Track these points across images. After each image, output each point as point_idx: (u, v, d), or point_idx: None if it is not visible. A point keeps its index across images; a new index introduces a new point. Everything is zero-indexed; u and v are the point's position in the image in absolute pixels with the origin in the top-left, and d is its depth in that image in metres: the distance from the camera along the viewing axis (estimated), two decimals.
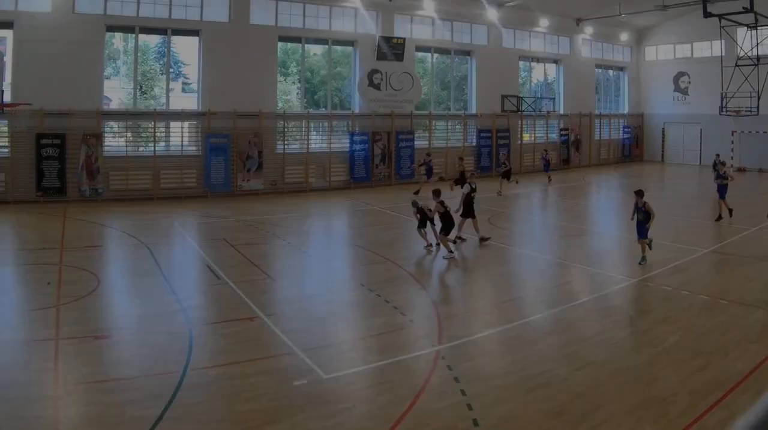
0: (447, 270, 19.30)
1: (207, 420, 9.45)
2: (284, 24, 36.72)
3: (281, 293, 16.72)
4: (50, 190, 30.03)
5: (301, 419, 9.45)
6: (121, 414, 9.43)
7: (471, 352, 12.26)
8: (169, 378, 10.63)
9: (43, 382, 10.54)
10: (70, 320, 13.51)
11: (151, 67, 37.46)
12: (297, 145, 37.71)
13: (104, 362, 11.56)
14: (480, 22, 44.30)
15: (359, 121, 39.27)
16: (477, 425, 9.28)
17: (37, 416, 9.39)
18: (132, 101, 34.06)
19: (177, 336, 12.87)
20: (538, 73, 50.69)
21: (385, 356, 11.93)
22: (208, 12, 34.31)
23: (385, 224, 27.09)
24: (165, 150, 33.61)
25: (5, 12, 28.47)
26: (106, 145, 31.78)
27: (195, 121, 34.20)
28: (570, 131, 49.98)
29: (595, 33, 51.62)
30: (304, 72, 39.72)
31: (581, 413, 9.65)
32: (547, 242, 23.90)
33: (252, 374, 10.96)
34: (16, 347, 12.09)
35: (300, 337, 12.74)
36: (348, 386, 10.80)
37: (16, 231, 25.02)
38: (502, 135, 45.21)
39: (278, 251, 21.83)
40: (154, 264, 18.84)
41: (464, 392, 10.25)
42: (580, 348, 12.35)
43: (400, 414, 9.55)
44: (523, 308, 15.46)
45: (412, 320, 14.17)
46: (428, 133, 42.41)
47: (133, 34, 33.51)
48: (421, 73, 43.54)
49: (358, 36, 39.32)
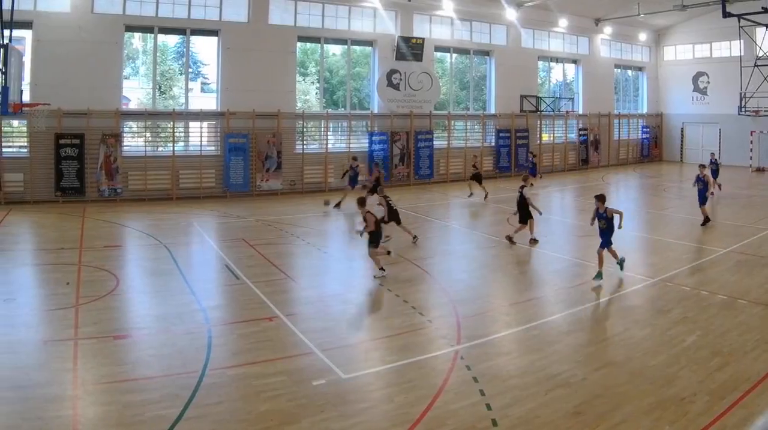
0: (466, 271, 18.90)
1: (226, 420, 9.37)
2: (303, 24, 36.17)
3: (300, 292, 16.41)
4: (69, 191, 29.55)
5: (320, 419, 9.38)
6: (140, 414, 9.36)
7: (490, 352, 12.13)
8: (188, 378, 10.58)
9: (62, 382, 10.43)
10: (89, 320, 13.39)
11: (170, 67, 37.00)
12: (316, 145, 37.16)
13: (123, 362, 11.42)
14: (499, 22, 43.58)
15: (378, 121, 38.66)
16: (496, 425, 9.22)
17: (57, 415, 9.31)
18: (151, 101, 33.54)
19: (196, 336, 12.74)
20: (557, 73, 49.87)
21: (403, 356, 11.83)
22: (227, 12, 33.80)
23: (404, 223, 26.12)
24: (184, 150, 33.18)
25: (24, 12, 27.70)
26: (125, 146, 31.32)
27: (214, 121, 33.67)
28: (589, 131, 49.10)
29: (614, 33, 50.77)
30: (323, 72, 39.09)
31: (600, 413, 9.61)
32: (566, 241, 23.44)
33: (271, 374, 10.87)
34: (35, 347, 11.97)
35: (319, 337, 12.64)
36: (367, 385, 10.72)
37: (35, 231, 24.64)
38: (521, 135, 44.44)
39: (297, 250, 21.33)
40: (173, 264, 18.57)
41: (483, 392, 10.20)
42: (598, 348, 12.34)
43: (418, 414, 9.51)
44: (542, 308, 15.28)
45: (431, 320, 13.94)
46: (447, 133, 41.64)
47: (152, 34, 33.00)
48: (440, 73, 42.84)
49: (377, 36, 38.69)
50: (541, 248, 21.46)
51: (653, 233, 24.49)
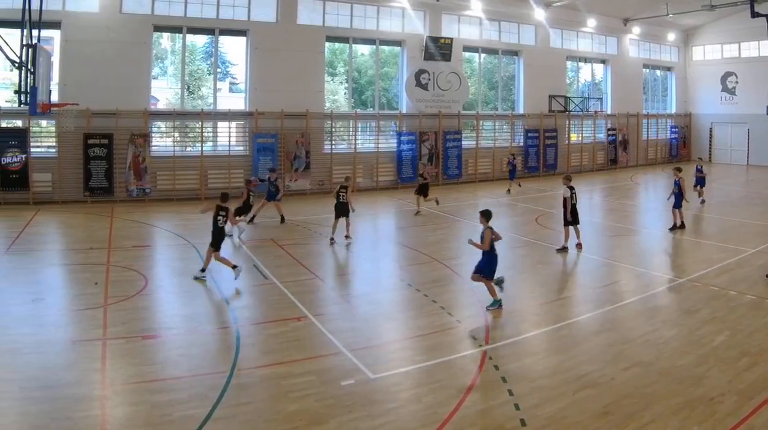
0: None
1: (254, 420, 9.23)
2: (332, 24, 35.37)
3: (329, 292, 16.26)
4: (97, 190, 29.00)
5: (348, 419, 9.24)
6: (168, 414, 9.26)
7: (518, 352, 11.95)
8: (217, 378, 10.47)
9: (91, 382, 10.32)
10: (118, 320, 13.25)
11: (198, 67, 36.36)
12: (344, 145, 36.37)
13: (152, 362, 11.28)
14: (528, 22, 42.46)
15: (406, 121, 37.68)
16: (524, 425, 9.07)
17: (85, 415, 9.18)
18: (179, 101, 32.97)
19: (224, 336, 12.72)
20: (585, 73, 48.51)
21: (432, 355, 11.65)
22: (256, 12, 33.07)
23: (432, 224, 25.76)
24: (212, 150, 32.54)
25: (53, 12, 27.00)
26: (153, 146, 30.77)
27: (242, 121, 33.00)
28: (617, 131, 47.87)
29: (642, 33, 49.42)
30: (352, 72, 38.25)
31: (628, 413, 9.43)
32: (595, 241, 22.50)
33: (299, 374, 10.72)
34: (63, 347, 11.80)
35: (347, 337, 12.49)
36: (395, 385, 10.50)
37: (63, 231, 24.20)
38: (549, 135, 43.31)
39: (325, 250, 20.76)
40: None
41: (511, 392, 10.04)
42: (627, 348, 12.03)
43: (447, 414, 9.35)
44: (571, 308, 15.04)
45: (460, 320, 13.70)
46: (475, 133, 40.58)
47: (180, 34, 32.40)
48: (469, 73, 41.76)
49: (405, 36, 37.74)
50: (570, 248, 20.63)
51: (681, 232, 23.72)
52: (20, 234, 22.05)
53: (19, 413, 9.29)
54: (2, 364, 10.92)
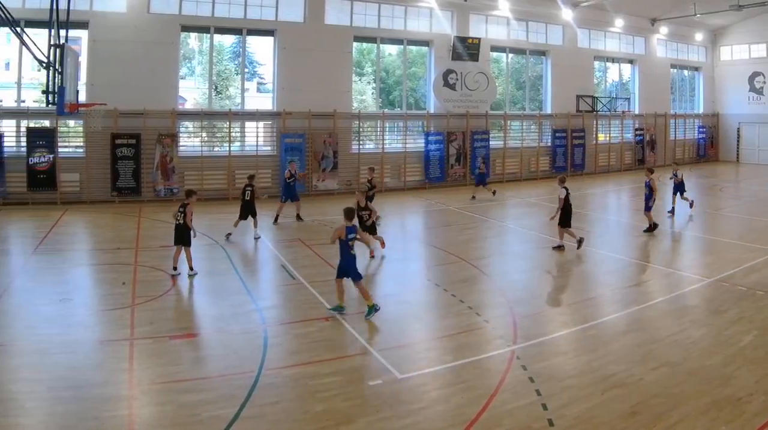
0: (522, 271, 18.11)
1: (282, 420, 9.05)
2: (359, 24, 34.43)
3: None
4: (125, 190, 28.31)
5: (375, 419, 9.08)
6: (196, 414, 9.11)
7: (546, 352, 11.68)
8: (244, 378, 10.30)
9: (118, 382, 10.15)
10: (145, 320, 13.05)
11: (226, 67, 35.57)
12: (372, 145, 35.31)
13: (179, 362, 11.09)
14: (555, 22, 41.14)
15: (434, 121, 36.57)
16: (552, 425, 8.87)
17: (113, 415, 9.04)
18: (207, 101, 32.30)
19: (252, 336, 12.37)
20: (613, 73, 47.03)
21: (459, 356, 11.40)
22: (284, 12, 32.21)
23: (460, 224, 25.08)
24: (240, 150, 31.74)
25: (80, 12, 26.42)
26: (181, 146, 30.09)
27: (270, 121, 32.15)
28: (645, 131, 46.47)
29: (670, 33, 47.83)
30: (379, 72, 37.27)
31: (656, 413, 9.21)
32: (622, 241, 22.32)
33: (327, 374, 10.53)
34: (91, 347, 11.60)
35: (375, 337, 12.40)
36: (423, 386, 10.27)
37: (91, 231, 23.71)
38: (576, 135, 41.93)
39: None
40: (229, 264, 17.92)
41: (539, 392, 9.84)
42: (655, 348, 11.74)
43: (475, 414, 9.17)
44: (598, 308, 14.64)
45: (488, 320, 13.38)
46: (503, 133, 39.39)
47: (208, 34, 31.65)
48: (496, 73, 40.58)
49: (433, 36, 36.63)
50: (597, 247, 20.45)
51: (709, 233, 23.67)
52: (48, 234, 21.65)
53: (47, 413, 9.09)
54: (30, 364, 10.76)
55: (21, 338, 11.99)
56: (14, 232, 22.91)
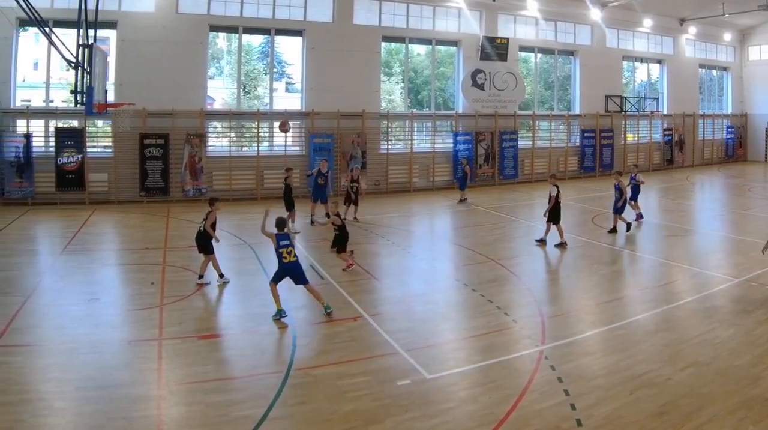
0: (551, 271, 17.92)
1: (310, 420, 8.89)
2: (388, 24, 33.32)
3: (385, 293, 15.32)
4: (153, 190, 27.55)
5: (404, 419, 8.88)
6: (224, 414, 8.93)
7: (574, 352, 11.37)
8: (273, 378, 10.11)
9: (147, 382, 9.93)
10: (174, 320, 12.80)
11: (254, 67, 34.52)
12: (400, 145, 34.12)
13: (207, 362, 10.83)
14: (584, 22, 39.66)
15: (463, 121, 35.34)
16: (580, 425, 8.67)
17: (141, 415, 8.86)
18: (235, 101, 31.36)
19: (280, 336, 12.20)
20: (641, 73, 45.38)
21: (488, 356, 11.14)
22: (312, 12, 31.23)
23: (488, 223, 24.30)
24: (268, 150, 30.77)
25: (109, 12, 25.78)
26: (209, 145, 29.30)
27: (298, 121, 31.08)
28: (673, 131, 44.86)
29: (698, 33, 46.08)
30: (408, 72, 36.00)
31: (685, 413, 9.01)
32: (651, 241, 21.64)
33: (355, 374, 10.31)
34: (119, 347, 11.37)
35: (403, 337, 11.97)
36: (451, 385, 10.04)
37: (119, 231, 23.08)
38: (605, 135, 40.47)
39: (382, 250, 19.78)
40: (258, 264, 17.49)
41: (567, 392, 9.62)
42: (683, 348, 11.47)
43: (503, 414, 8.99)
44: (627, 307, 14.23)
45: (516, 320, 13.05)
46: (532, 133, 38.08)
47: (236, 34, 30.74)
48: (525, 73, 39.23)
49: (461, 36, 35.39)
50: (626, 247, 20.14)
51: (738, 232, 22.79)
52: (76, 234, 21.18)
53: (76, 413, 8.89)
54: (59, 364, 10.51)
55: (49, 338, 11.69)
56: (43, 232, 22.44)
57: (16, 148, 25.89)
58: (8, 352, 10.90)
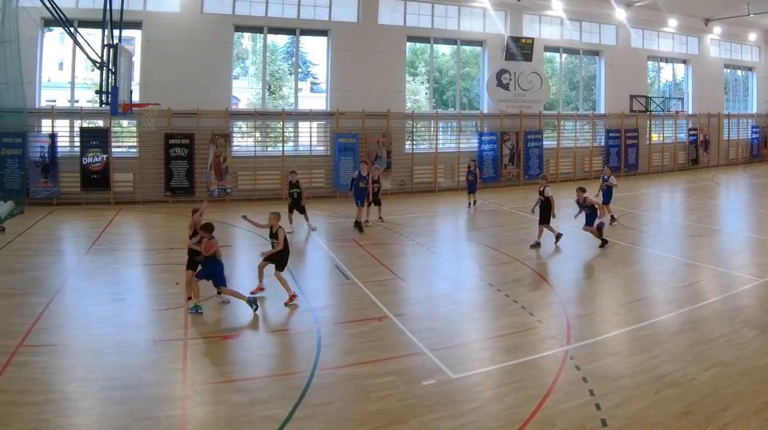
0: (575, 271, 17.19)
1: (335, 420, 8.63)
2: (413, 24, 32.27)
3: (410, 292, 14.89)
4: (178, 190, 26.71)
5: (429, 418, 8.61)
6: (248, 414, 8.67)
7: (599, 352, 11.04)
8: (298, 378, 9.86)
9: (172, 382, 9.70)
10: (199, 320, 12.47)
11: (279, 67, 33.49)
12: (425, 145, 33.04)
13: (232, 362, 10.63)
14: (609, 22, 38.26)
15: (488, 121, 34.21)
16: (605, 425, 8.40)
17: (166, 415, 8.62)
18: (260, 101, 30.36)
19: (305, 336, 11.83)
20: (666, 73, 43.97)
21: (513, 356, 10.82)
22: (337, 12, 30.30)
23: (513, 223, 23.57)
24: (293, 150, 29.98)
25: (134, 12, 24.98)
26: (234, 145, 28.37)
27: (323, 121, 30.25)
28: (698, 131, 43.27)
29: (723, 33, 44.41)
30: (433, 72, 34.81)
31: (710, 413, 8.70)
32: (675, 241, 21.03)
33: (380, 374, 10.03)
34: (144, 347, 11.06)
35: (428, 337, 11.61)
36: (476, 385, 9.77)
37: (144, 231, 22.54)
38: (630, 135, 39.10)
39: (407, 250, 19.16)
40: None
41: (592, 392, 9.35)
42: (708, 348, 11.11)
43: (528, 414, 8.71)
44: (652, 308, 13.70)
45: (541, 321, 12.64)
46: (557, 133, 36.86)
47: (261, 34, 29.83)
48: (550, 73, 37.92)
49: (486, 36, 34.19)
50: (651, 247, 19.47)
51: (763, 232, 22.05)
52: (101, 234, 20.63)
53: (101, 413, 8.66)
54: (84, 364, 10.24)
55: (74, 338, 11.37)
56: (68, 232, 21.89)
57: (41, 148, 25.25)
58: (34, 352, 10.58)
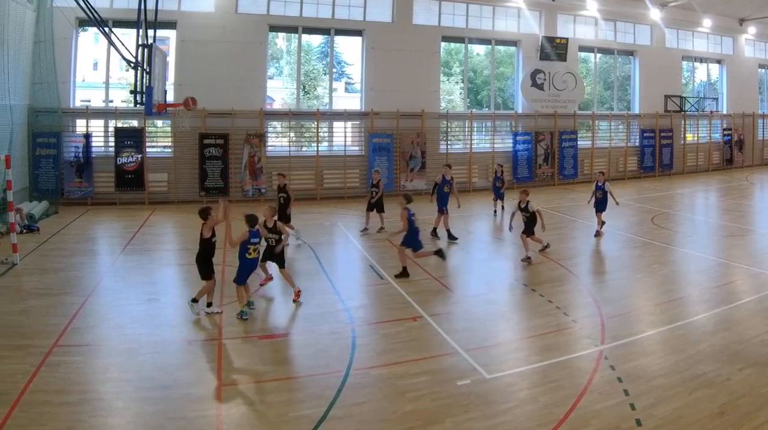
0: (610, 271, 16.59)
1: (370, 420, 8.24)
2: (447, 24, 30.64)
3: (444, 292, 14.29)
4: (213, 190, 25.32)
5: (464, 419, 8.22)
6: (283, 414, 8.35)
7: (634, 352, 10.51)
8: (332, 378, 9.44)
9: (207, 382, 9.30)
10: (233, 320, 11.94)
11: (314, 67, 32.15)
12: (460, 145, 31.39)
13: (267, 362, 10.19)
14: (643, 22, 36.26)
15: (522, 121, 32.46)
16: (640, 425, 7.95)
17: (201, 415, 8.28)
18: (295, 101, 29.04)
19: (340, 336, 11.36)
20: (701, 73, 41.70)
21: (547, 356, 10.32)
22: (372, 12, 28.81)
23: (547, 223, 21.59)
24: (328, 150, 28.54)
25: (168, 12, 23.78)
26: (269, 145, 27.06)
27: (358, 121, 28.81)
28: (733, 131, 41.06)
29: (758, 33, 41.94)
30: (467, 72, 33.18)
31: (744, 413, 8.25)
32: (710, 241, 20.15)
33: (415, 374, 9.62)
34: (179, 347, 10.67)
35: (463, 337, 11.20)
36: (511, 386, 9.33)
37: (178, 231, 21.53)
38: (665, 135, 37.02)
39: None
40: (317, 264, 16.40)
41: (627, 392, 8.90)
42: (743, 348, 10.54)
43: (563, 414, 8.29)
44: (686, 307, 13.18)
45: (575, 320, 12.14)
46: (591, 133, 34.91)
47: (296, 34, 28.45)
48: (584, 73, 35.97)
49: (521, 36, 32.46)
50: (685, 247, 18.66)
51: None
52: (136, 234, 19.87)
53: (135, 413, 8.36)
54: (119, 364, 9.91)
55: (109, 338, 11.05)
56: (102, 232, 21.04)
57: (75, 148, 24.16)
58: (68, 352, 10.20)
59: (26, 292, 13.65)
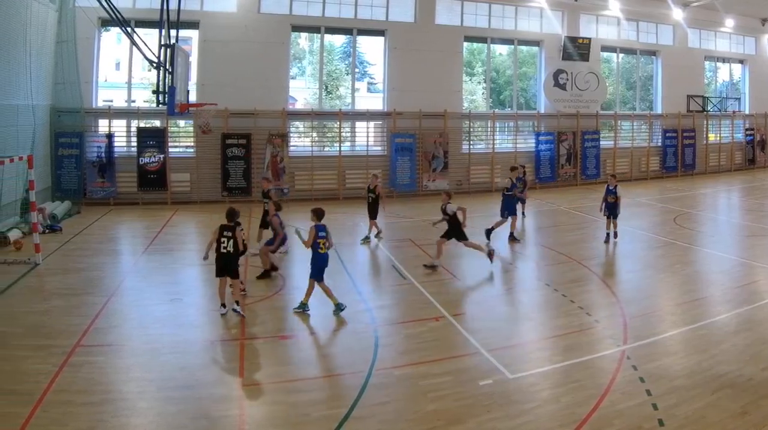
0: (633, 271, 15.96)
1: (393, 420, 8.01)
2: (469, 24, 29.63)
3: (467, 293, 14.27)
4: (235, 190, 24.66)
5: (486, 419, 7.96)
6: (306, 414, 8.12)
7: (656, 352, 10.18)
8: (355, 378, 9.22)
9: (229, 382, 9.11)
10: (256, 320, 11.79)
11: (336, 67, 31.07)
12: (482, 145, 30.42)
13: (289, 362, 9.99)
14: (665, 22, 34.96)
15: (545, 121, 31.38)
16: (662, 425, 7.72)
17: (223, 415, 8.06)
18: (317, 101, 28.14)
19: (362, 336, 11.05)
20: (723, 73, 40.29)
21: (570, 356, 10.03)
22: (394, 12, 27.87)
23: (570, 223, 22.37)
24: (350, 150, 27.70)
25: (191, 12, 22.94)
26: (291, 145, 26.22)
27: (380, 121, 27.94)
28: (755, 131, 39.54)
29: None
30: (490, 72, 32.07)
31: (766, 413, 7.97)
32: (732, 241, 19.59)
33: (437, 374, 9.38)
34: (202, 347, 10.42)
35: (485, 337, 10.85)
36: (533, 386, 9.08)
37: (201, 231, 20.67)
38: (687, 135, 35.72)
39: (463, 251, 16.96)
40: (340, 264, 15.72)
41: (649, 392, 8.56)
42: (765, 348, 10.20)
43: (585, 414, 8.03)
44: (709, 308, 12.83)
45: (598, 320, 11.84)
46: (614, 133, 33.76)
47: (318, 34, 27.66)
48: (607, 73, 34.72)
49: (543, 36, 31.41)
50: (707, 247, 18.25)
51: None
52: (158, 234, 19.42)
53: (158, 413, 8.13)
54: (141, 364, 9.72)
55: (132, 338, 10.85)
56: (125, 232, 20.62)
57: (98, 148, 23.49)
58: (91, 352, 10.00)
59: (49, 292, 13.33)
